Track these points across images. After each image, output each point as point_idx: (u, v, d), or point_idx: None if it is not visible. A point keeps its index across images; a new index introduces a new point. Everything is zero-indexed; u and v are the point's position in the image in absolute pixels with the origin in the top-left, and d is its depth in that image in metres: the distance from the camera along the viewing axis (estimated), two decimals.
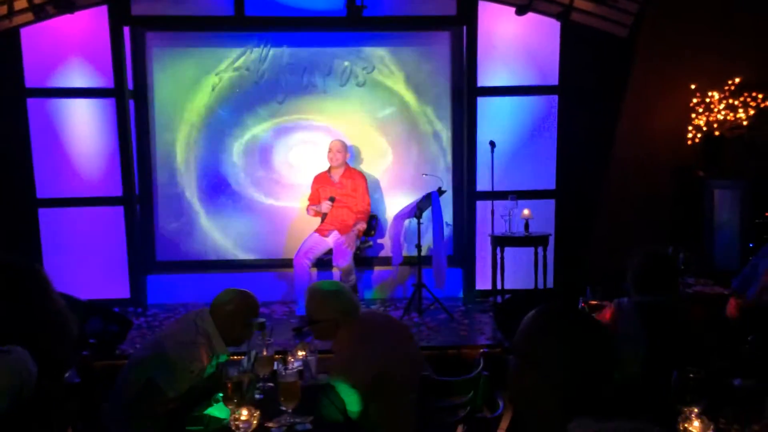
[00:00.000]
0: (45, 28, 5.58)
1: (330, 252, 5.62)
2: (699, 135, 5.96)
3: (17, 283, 1.99)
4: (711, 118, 5.90)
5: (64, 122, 5.93)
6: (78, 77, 5.89)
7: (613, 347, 1.36)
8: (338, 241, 5.57)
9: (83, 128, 5.95)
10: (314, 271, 5.90)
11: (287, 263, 6.22)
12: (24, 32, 5.59)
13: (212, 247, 6.29)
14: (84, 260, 5.94)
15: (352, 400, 2.48)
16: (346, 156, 5.77)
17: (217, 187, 6.29)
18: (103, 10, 5.69)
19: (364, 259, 6.10)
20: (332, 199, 5.58)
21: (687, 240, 5.53)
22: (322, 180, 5.79)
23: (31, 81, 5.77)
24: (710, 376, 2.03)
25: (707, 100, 5.92)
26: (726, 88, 5.90)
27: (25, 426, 1.87)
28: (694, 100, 5.96)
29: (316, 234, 5.65)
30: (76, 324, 2.12)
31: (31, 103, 5.79)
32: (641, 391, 2.34)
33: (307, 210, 5.75)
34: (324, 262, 5.78)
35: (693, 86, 5.96)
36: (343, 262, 5.45)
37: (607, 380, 1.32)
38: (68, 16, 5.41)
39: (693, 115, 5.97)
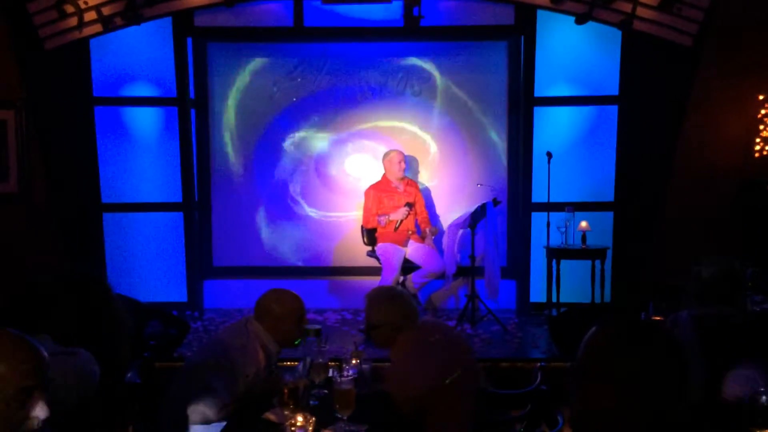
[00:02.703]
0: (112, 38, 5.76)
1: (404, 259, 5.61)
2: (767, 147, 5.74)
3: (76, 291, 2.06)
4: None
5: (128, 129, 6.11)
6: (142, 86, 6.07)
7: (687, 362, 1.29)
8: (423, 248, 5.61)
9: (146, 135, 6.13)
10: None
11: (340, 271, 6.27)
12: (92, 42, 5.79)
13: (267, 253, 6.36)
14: (144, 264, 6.10)
15: None
16: None
17: (273, 195, 6.37)
18: (168, 21, 5.85)
19: (416, 268, 6.06)
20: (410, 206, 5.58)
21: (754, 256, 5.32)
22: (384, 188, 5.73)
23: (98, 90, 5.97)
24: None
25: None
26: None
27: (89, 424, 1.92)
28: (762, 111, 5.75)
29: (393, 245, 5.58)
30: (133, 326, 2.18)
31: (98, 111, 5.99)
32: (706, 412, 2.25)
33: (378, 219, 5.61)
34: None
35: (761, 97, 5.74)
36: (438, 265, 5.54)
37: (683, 398, 1.26)
38: (134, 27, 5.58)
39: (761, 127, 5.76)
